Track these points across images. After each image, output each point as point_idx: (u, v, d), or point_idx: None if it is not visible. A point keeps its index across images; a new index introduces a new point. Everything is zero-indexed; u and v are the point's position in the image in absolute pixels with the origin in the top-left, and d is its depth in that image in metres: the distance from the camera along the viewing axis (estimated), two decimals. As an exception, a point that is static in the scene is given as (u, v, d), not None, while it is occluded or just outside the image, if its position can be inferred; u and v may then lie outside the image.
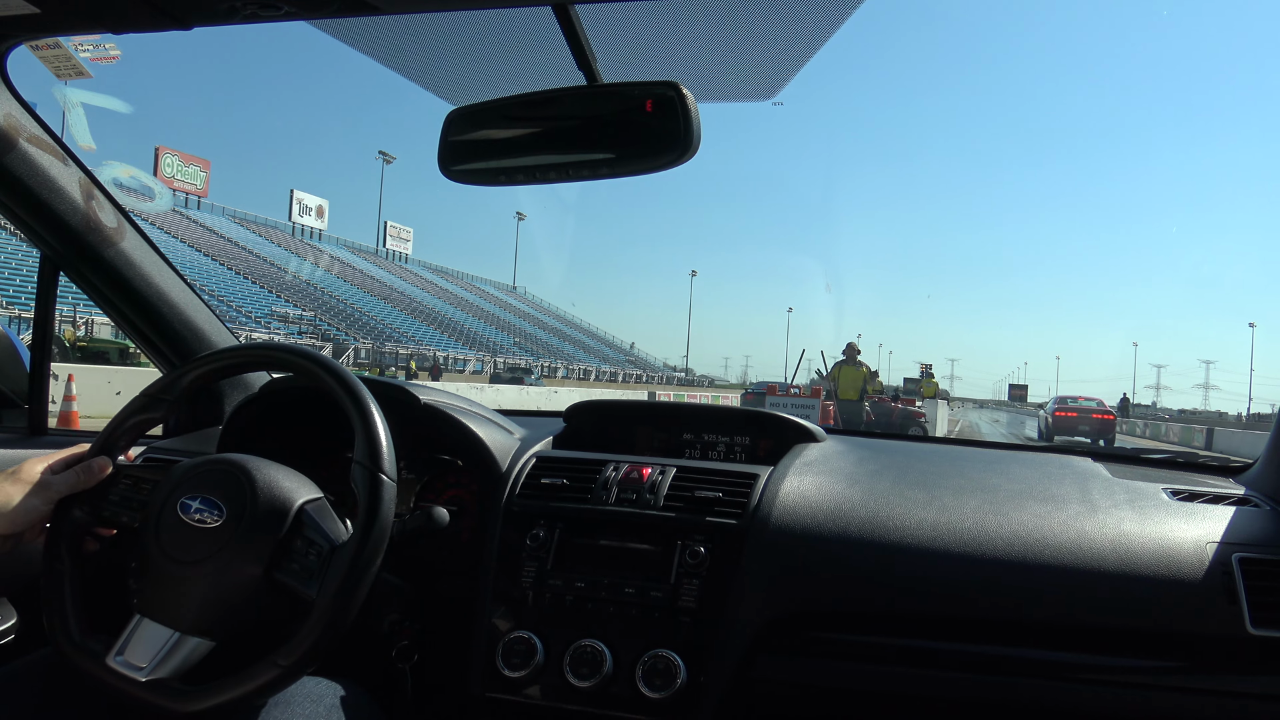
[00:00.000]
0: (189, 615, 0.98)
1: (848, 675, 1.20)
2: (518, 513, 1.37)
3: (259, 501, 1.01)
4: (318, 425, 1.48)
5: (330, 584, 0.97)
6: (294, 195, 66.38)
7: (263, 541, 0.99)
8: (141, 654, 0.97)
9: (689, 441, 1.65)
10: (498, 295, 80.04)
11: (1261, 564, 1.14)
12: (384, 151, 77.60)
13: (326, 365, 1.12)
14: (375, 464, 1.04)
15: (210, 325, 1.72)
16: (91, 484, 1.08)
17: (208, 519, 1.00)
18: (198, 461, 1.07)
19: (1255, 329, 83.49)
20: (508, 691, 1.24)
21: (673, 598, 1.23)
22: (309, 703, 1.06)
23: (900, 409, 16.51)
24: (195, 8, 0.96)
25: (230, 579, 0.99)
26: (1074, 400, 26.33)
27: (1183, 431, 35.18)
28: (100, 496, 1.09)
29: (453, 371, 41.85)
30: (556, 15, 0.98)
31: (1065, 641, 1.16)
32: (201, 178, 60.27)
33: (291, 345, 1.20)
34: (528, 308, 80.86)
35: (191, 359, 1.22)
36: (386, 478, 1.04)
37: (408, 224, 76.57)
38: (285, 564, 1.00)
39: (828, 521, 1.26)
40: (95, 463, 1.09)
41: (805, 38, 1.11)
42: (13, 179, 1.32)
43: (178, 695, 0.95)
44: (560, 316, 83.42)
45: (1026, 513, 1.25)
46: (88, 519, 1.09)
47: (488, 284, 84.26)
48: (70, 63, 1.53)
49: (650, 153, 1.04)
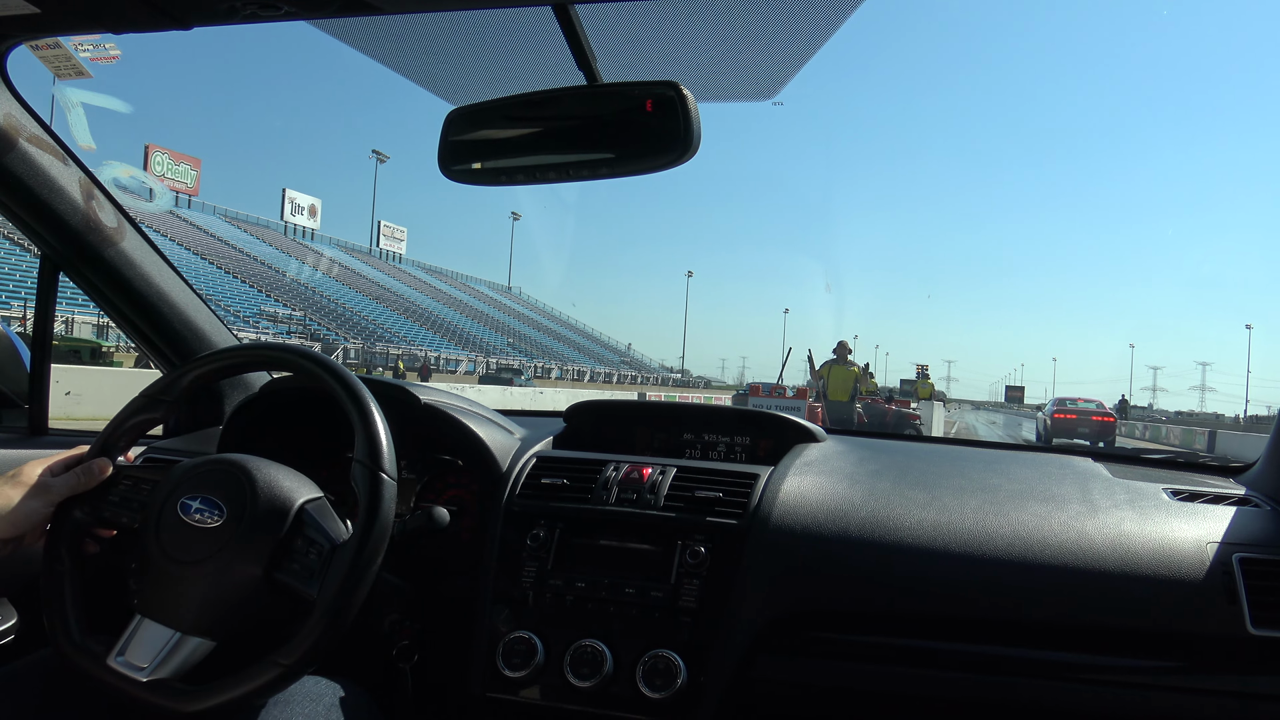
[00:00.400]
0: (189, 615, 0.98)
1: (848, 675, 1.20)
2: (518, 513, 1.37)
3: (259, 501, 1.01)
4: (318, 425, 1.48)
5: (331, 583, 0.97)
6: (286, 194, 65.71)
7: (263, 541, 0.99)
8: (142, 654, 0.97)
9: (689, 441, 1.65)
10: (492, 296, 79.56)
11: (1262, 564, 1.14)
12: (377, 150, 77.33)
13: (326, 365, 1.12)
14: (376, 463, 1.04)
15: (210, 325, 1.72)
16: (91, 485, 1.08)
17: (208, 519, 1.00)
18: (198, 462, 1.07)
19: (1252, 331, 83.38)
20: (508, 691, 1.24)
21: (673, 598, 1.23)
22: (308, 702, 1.06)
23: (895, 411, 16.10)
24: (195, 8, 0.96)
25: (230, 579, 0.99)
26: (1073, 402, 25.55)
27: (1184, 434, 34.52)
28: (100, 497, 1.09)
29: (444, 372, 41.62)
30: (556, 15, 0.98)
31: (1065, 641, 1.16)
32: (192, 176, 59.42)
33: (291, 345, 1.20)
34: (523, 308, 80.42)
35: (191, 359, 1.22)
36: (387, 477, 1.04)
37: (403, 224, 76.09)
38: (286, 564, 1.00)
39: (828, 521, 1.26)
40: (95, 464, 1.09)
41: (805, 38, 1.11)
42: (13, 179, 1.32)
43: (179, 695, 0.95)
44: (556, 317, 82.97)
45: (1026, 513, 1.25)
46: (88, 520, 1.09)
47: (482, 284, 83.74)
48: (70, 63, 1.53)
49: (650, 153, 1.04)
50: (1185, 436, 33.94)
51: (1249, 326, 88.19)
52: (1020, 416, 49.32)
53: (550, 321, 79.09)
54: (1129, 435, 26.41)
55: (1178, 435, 35.24)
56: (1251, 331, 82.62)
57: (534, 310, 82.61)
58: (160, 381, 1.17)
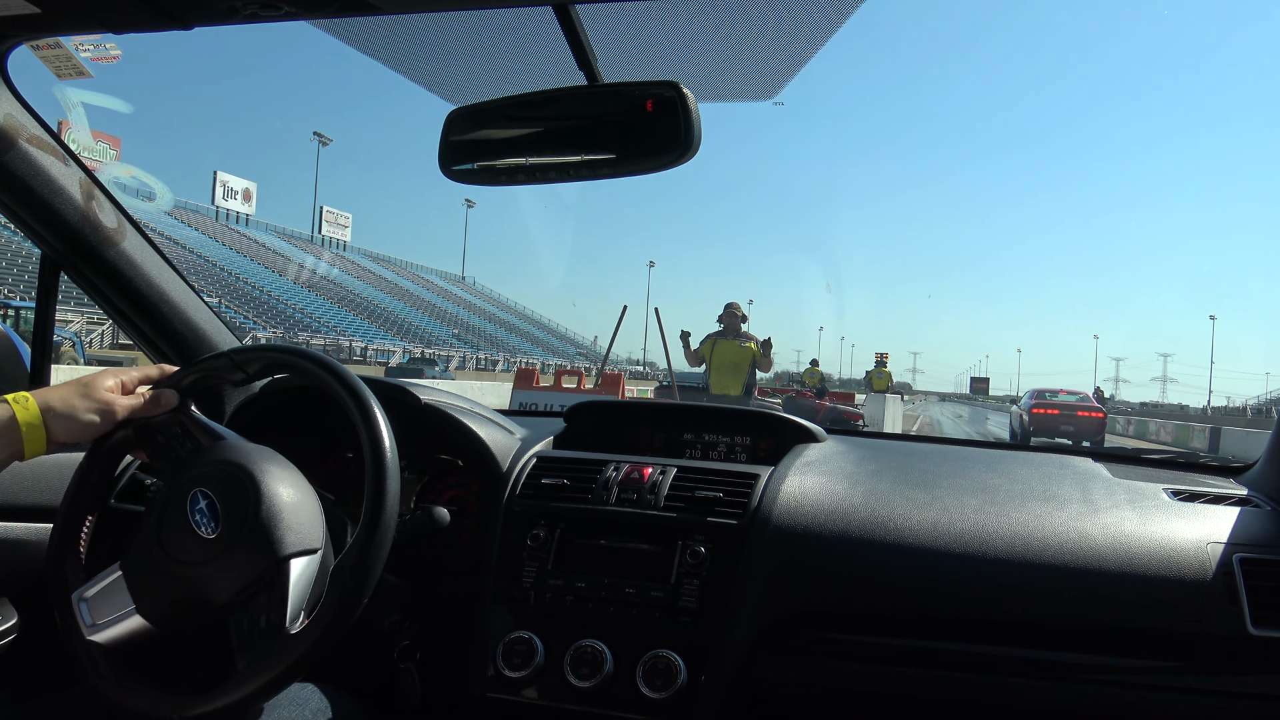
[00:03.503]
0: (152, 603, 0.99)
1: (848, 675, 1.20)
2: (518, 513, 1.37)
3: (247, 533, 0.98)
4: (318, 425, 1.48)
5: (332, 596, 0.97)
6: (218, 177, 59.95)
7: (229, 580, 0.97)
8: (102, 609, 1.00)
9: (689, 441, 1.65)
10: (442, 285, 75.38)
11: (1262, 564, 1.14)
12: (319, 133, 72.84)
13: (327, 366, 1.12)
14: (379, 464, 1.03)
15: (211, 325, 1.71)
16: (154, 414, 1.08)
17: (203, 528, 0.99)
18: (229, 456, 1.04)
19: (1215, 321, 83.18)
20: (508, 691, 1.24)
21: (673, 598, 1.23)
22: (293, 707, 1.07)
23: (829, 408, 12.47)
24: (195, 8, 0.96)
25: (195, 592, 0.98)
26: (1054, 394, 21.35)
27: (1177, 431, 29.25)
28: (151, 429, 1.09)
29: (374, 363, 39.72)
30: (557, 15, 0.98)
31: (1065, 641, 1.16)
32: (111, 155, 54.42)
33: (294, 346, 1.20)
34: (475, 299, 76.35)
35: (193, 360, 1.21)
36: (390, 477, 1.03)
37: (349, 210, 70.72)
38: (237, 613, 0.97)
39: (828, 522, 1.26)
40: (164, 394, 1.09)
41: (805, 38, 1.11)
42: (13, 179, 1.31)
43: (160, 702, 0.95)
44: (511, 308, 78.83)
45: (1027, 513, 1.25)
46: (132, 441, 1.09)
47: (433, 274, 79.20)
48: (70, 63, 1.54)
49: (650, 152, 1.04)
50: (1180, 434, 28.25)
51: (1213, 317, 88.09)
52: (986, 409, 46.58)
53: (505, 313, 75.39)
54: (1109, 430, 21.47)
55: (1170, 432, 29.78)
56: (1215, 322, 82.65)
57: (488, 301, 78.60)
58: (242, 349, 1.15)
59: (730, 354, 7.22)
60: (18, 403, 0.99)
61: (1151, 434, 31.23)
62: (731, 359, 7.20)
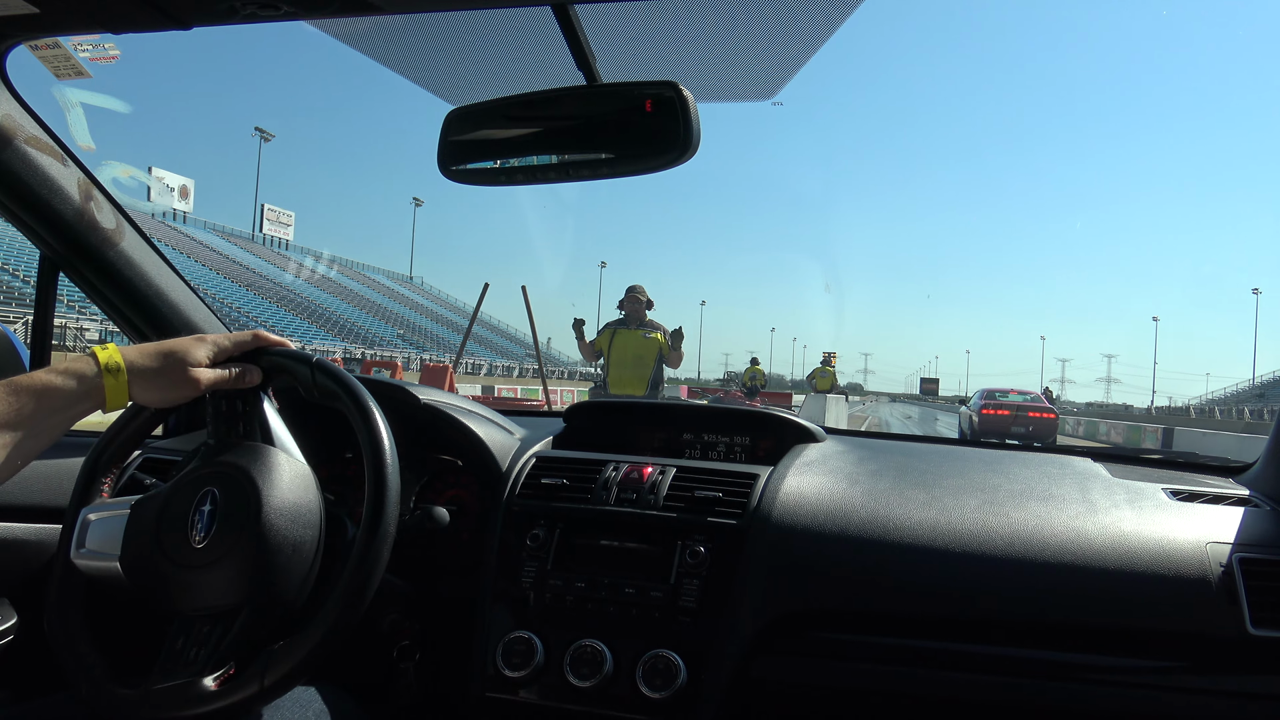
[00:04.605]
0: (134, 570, 0.99)
1: (848, 675, 1.20)
2: (518, 513, 1.37)
3: (231, 552, 0.96)
4: (318, 425, 1.48)
5: (334, 600, 0.96)
6: (153, 173, 57.54)
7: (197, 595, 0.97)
8: (95, 539, 1.02)
9: (689, 441, 1.65)
10: (389, 286, 73.50)
11: (1262, 564, 1.14)
12: (260, 128, 71.92)
13: (326, 368, 1.12)
14: (379, 465, 1.03)
15: (210, 325, 1.71)
16: (234, 388, 1.07)
17: (196, 532, 0.98)
18: (238, 462, 1.03)
19: (1158, 323, 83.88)
20: (508, 691, 1.24)
21: (673, 598, 1.23)
22: (296, 708, 1.07)
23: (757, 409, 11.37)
24: (195, 8, 0.96)
25: (168, 591, 0.98)
26: (1004, 395, 20.89)
27: (1129, 432, 28.02)
28: (218, 396, 1.08)
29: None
30: (556, 15, 0.98)
31: (1065, 641, 1.16)
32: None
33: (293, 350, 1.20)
34: (423, 300, 74.40)
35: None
36: (390, 479, 1.03)
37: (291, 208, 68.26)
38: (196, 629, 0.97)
39: (828, 521, 1.26)
40: (250, 371, 1.08)
41: (805, 38, 1.11)
42: (12, 179, 1.31)
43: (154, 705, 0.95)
44: (461, 310, 75.54)
45: (1026, 513, 1.25)
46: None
47: (380, 274, 77.11)
48: (70, 63, 1.53)
49: (650, 153, 1.04)
50: (1130, 435, 27.28)
51: (1155, 319, 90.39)
52: (936, 409, 46.63)
53: (453, 314, 72.69)
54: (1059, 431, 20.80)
55: (1121, 433, 28.35)
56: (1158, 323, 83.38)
57: (436, 302, 76.51)
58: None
59: (633, 346, 6.10)
60: (107, 357, 0.98)
61: (1102, 435, 30.22)
62: (634, 352, 6.09)
